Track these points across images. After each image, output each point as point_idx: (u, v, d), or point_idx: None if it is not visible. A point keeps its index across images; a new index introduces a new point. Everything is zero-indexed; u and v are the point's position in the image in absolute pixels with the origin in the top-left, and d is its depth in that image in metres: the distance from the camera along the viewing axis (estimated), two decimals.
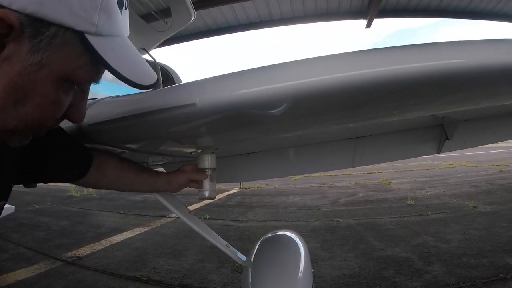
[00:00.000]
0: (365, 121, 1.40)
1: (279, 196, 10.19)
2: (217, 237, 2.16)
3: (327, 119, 1.17)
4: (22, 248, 5.24)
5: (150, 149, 1.66)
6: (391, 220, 6.14)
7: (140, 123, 1.00)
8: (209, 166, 1.65)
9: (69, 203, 9.98)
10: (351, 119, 1.28)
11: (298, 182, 13.28)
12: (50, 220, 7.44)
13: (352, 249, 4.70)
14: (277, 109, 0.86)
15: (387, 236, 5.23)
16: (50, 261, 4.61)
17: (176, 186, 1.65)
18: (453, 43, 0.71)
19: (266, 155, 2.40)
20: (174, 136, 1.24)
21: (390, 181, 11.55)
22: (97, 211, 8.61)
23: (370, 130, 2.04)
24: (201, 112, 0.86)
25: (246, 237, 5.58)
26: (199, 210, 7.91)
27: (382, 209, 7.16)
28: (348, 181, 12.60)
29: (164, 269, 4.24)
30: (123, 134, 1.24)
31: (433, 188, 9.42)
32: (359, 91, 0.75)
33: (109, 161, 1.42)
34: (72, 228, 6.64)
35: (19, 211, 7.80)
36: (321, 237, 5.36)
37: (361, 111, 1.05)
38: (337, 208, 7.57)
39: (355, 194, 9.56)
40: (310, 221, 6.45)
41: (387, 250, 4.57)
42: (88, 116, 1.02)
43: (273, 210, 7.82)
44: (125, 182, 1.51)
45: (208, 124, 1.02)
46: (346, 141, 2.21)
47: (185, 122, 0.98)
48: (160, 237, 5.81)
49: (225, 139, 1.53)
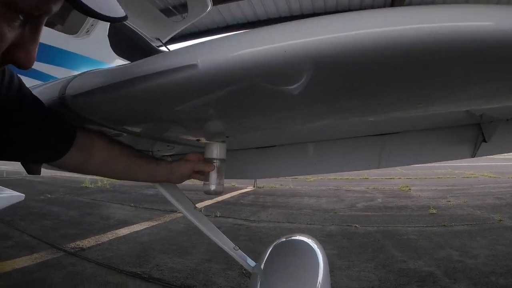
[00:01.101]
0: (394, 109, 1.17)
1: (294, 197, 10.05)
2: (223, 237, 2.02)
3: (350, 102, 0.98)
4: (26, 236, 5.21)
5: (148, 130, 1.46)
6: (413, 229, 5.82)
7: (133, 92, 0.87)
8: (218, 156, 1.52)
9: (82, 194, 10.12)
10: (376, 105, 1.07)
11: (314, 183, 13.20)
12: (60, 210, 7.47)
13: (371, 259, 4.41)
14: (293, 78, 0.71)
15: (408, 246, 4.92)
16: (52, 251, 4.54)
17: (178, 176, 1.53)
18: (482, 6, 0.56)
19: (282, 150, 2.24)
20: (173, 111, 1.06)
21: (409, 187, 11.25)
22: (108, 203, 8.65)
23: (399, 126, 1.84)
24: (204, 76, 0.72)
25: (257, 238, 5.38)
26: (210, 207, 7.84)
27: (403, 217, 6.87)
28: (366, 185, 12.39)
29: (168, 267, 4.05)
30: (113, 108, 1.08)
31: (455, 197, 9.08)
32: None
33: (97, 142, 1.29)
34: (80, 219, 6.62)
35: (31, 200, 8.17)
36: (338, 244, 5.07)
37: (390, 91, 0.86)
38: (355, 213, 7.33)
39: (374, 199, 9.32)
40: (326, 225, 6.22)
41: (409, 262, 4.25)
42: (72, 87, 0.99)
43: (287, 211, 7.65)
44: (116, 167, 1.38)
45: (212, 94, 0.86)
46: (372, 138, 2.02)
47: (185, 90, 0.82)
48: (168, 233, 5.69)
49: (234, 123, 1.33)
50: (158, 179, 1.55)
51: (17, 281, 3.49)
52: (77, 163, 1.25)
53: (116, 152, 1.34)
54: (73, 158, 1.20)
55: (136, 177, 1.51)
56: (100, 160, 1.30)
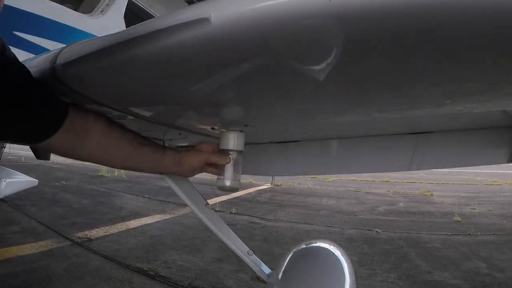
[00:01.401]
0: (422, 105, 1.08)
1: (312, 196, 9.96)
2: (237, 240, 1.89)
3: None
4: (35, 222, 5.17)
5: (153, 111, 1.28)
6: (437, 237, 5.55)
7: (131, 56, 0.72)
8: (235, 147, 1.37)
9: (97, 183, 10.27)
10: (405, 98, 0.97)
11: (333, 184, 13.24)
12: (73, 197, 7.50)
13: (394, 268, 4.14)
14: (335, 43, 0.56)
15: (433, 256, 4.62)
16: (58, 240, 4.44)
17: (188, 168, 1.39)
18: None
19: (305, 146, 2.07)
20: (181, 84, 0.88)
21: (432, 193, 11.04)
22: (122, 193, 8.69)
23: (434, 124, 1.65)
24: (218, 33, 0.58)
25: (273, 238, 5.21)
26: (226, 203, 7.76)
27: (426, 223, 6.61)
28: (387, 188, 12.32)
29: (176, 265, 3.87)
30: (109, 79, 0.93)
31: (479, 205, 8.81)
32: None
33: (93, 123, 1.16)
34: (92, 208, 6.60)
35: (46, 185, 8.39)
36: (358, 249, 4.85)
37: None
38: (376, 217, 7.14)
39: (395, 203, 9.13)
40: (346, 229, 6.01)
41: (435, 274, 3.98)
42: (64, 55, 0.90)
43: (305, 212, 7.50)
44: (114, 154, 1.24)
45: (228, 61, 0.69)
46: (404, 136, 1.83)
47: (194, 54, 0.66)
48: (180, 227, 5.57)
49: (254, 107, 1.15)
50: (165, 170, 1.41)
51: (17, 269, 3.36)
52: (68, 145, 1.12)
53: (115, 137, 1.20)
54: (63, 140, 1.08)
55: (138, 167, 1.35)
56: (95, 145, 1.17)
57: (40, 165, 13.71)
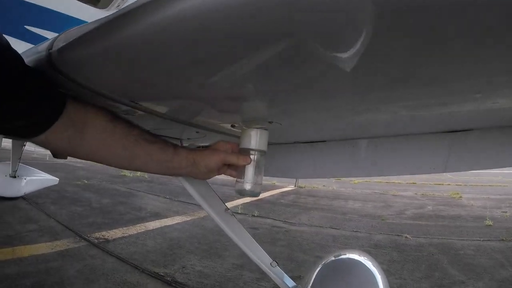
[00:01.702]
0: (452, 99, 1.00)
1: (337, 199, 9.88)
2: (259, 250, 1.81)
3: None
4: (53, 221, 5.13)
5: (165, 102, 1.19)
6: (469, 243, 5.38)
7: (142, 30, 0.60)
8: (257, 146, 1.24)
9: (119, 182, 10.37)
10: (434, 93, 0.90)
11: (358, 186, 13.29)
12: (93, 196, 7.51)
13: (426, 277, 3.95)
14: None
15: (466, 264, 4.45)
16: (75, 239, 4.38)
17: (203, 170, 1.25)
18: None
19: (333, 147, 1.94)
20: (198, 65, 0.74)
21: (460, 195, 10.93)
22: (144, 193, 8.69)
23: (470, 121, 1.51)
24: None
25: (297, 244, 5.04)
26: (248, 205, 7.66)
27: (457, 228, 6.45)
28: (414, 190, 12.25)
29: (195, 270, 3.73)
30: (109, 62, 0.81)
31: (510, 208, 8.65)
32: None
33: (93, 117, 1.05)
34: (111, 208, 6.55)
35: (67, 184, 8.53)
36: (387, 256, 4.69)
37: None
38: (404, 221, 6.97)
39: (423, 206, 9.00)
40: (373, 234, 5.85)
41: (469, 284, 3.80)
42: (61, 40, 0.82)
43: (330, 215, 7.37)
44: (118, 152, 1.11)
45: (252, 40, 0.58)
46: (439, 135, 1.69)
47: (214, 22, 0.53)
48: (200, 230, 5.45)
49: (279, 99, 1.02)
50: (177, 171, 1.25)
51: (29, 269, 3.28)
52: (64, 142, 1.02)
53: (119, 133, 1.08)
54: (60, 136, 0.99)
55: (145, 167, 1.21)
56: (96, 141, 1.06)
57: (64, 164, 14.06)
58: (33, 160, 13.57)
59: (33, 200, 6.20)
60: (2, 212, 5.21)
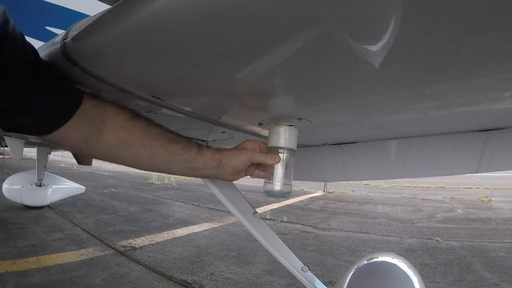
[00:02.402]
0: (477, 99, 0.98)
1: (366, 204, 9.87)
2: (289, 254, 1.73)
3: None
4: (79, 229, 5.16)
5: (189, 97, 1.11)
6: (501, 246, 5.32)
7: (164, 15, 0.54)
8: (286, 145, 1.16)
9: (146, 190, 10.49)
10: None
11: (387, 190, 13.39)
12: (120, 204, 7.57)
13: (459, 281, 3.88)
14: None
15: (499, 266, 4.38)
16: (101, 248, 4.38)
17: (230, 170, 1.17)
18: None
19: (363, 148, 1.85)
20: (224, 56, 0.70)
21: (490, 198, 10.89)
22: (171, 200, 8.75)
23: (504, 119, 1.44)
24: None
25: (327, 249, 4.98)
26: (277, 210, 7.67)
27: (487, 230, 6.41)
28: (443, 194, 12.29)
29: (223, 277, 3.67)
30: (134, 50, 0.73)
31: None
32: None
33: (111, 114, 1.00)
34: (139, 215, 6.57)
35: (94, 192, 8.72)
36: (419, 260, 4.62)
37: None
38: (434, 225, 6.92)
39: (453, 210, 8.96)
40: (404, 238, 5.79)
41: (503, 286, 3.73)
42: (76, 29, 0.76)
43: (360, 220, 7.33)
44: (138, 152, 1.05)
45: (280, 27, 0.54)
46: (472, 134, 1.60)
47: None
48: (229, 236, 5.42)
49: (308, 94, 0.96)
50: (202, 173, 1.17)
51: (53, 279, 3.26)
52: (81, 141, 0.97)
53: (138, 132, 1.02)
54: (75, 133, 0.94)
55: (167, 168, 1.14)
56: (114, 141, 1.00)
57: (92, 173, 14.29)
58: (60, 169, 13.83)
59: (59, 209, 6.26)
60: (28, 221, 5.25)
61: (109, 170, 17.27)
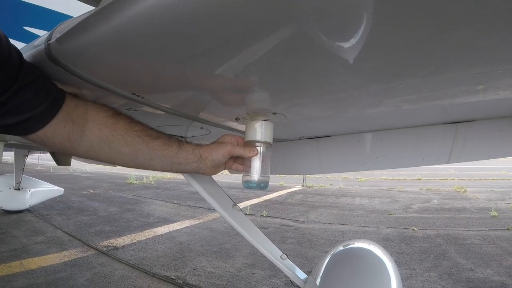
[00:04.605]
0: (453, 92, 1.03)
1: (345, 197, 9.96)
2: (268, 243, 1.78)
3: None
4: (60, 232, 5.13)
5: (167, 94, 1.13)
6: (475, 233, 5.49)
7: (143, 13, 0.57)
8: (262, 138, 1.21)
9: (125, 190, 10.42)
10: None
11: (365, 183, 13.48)
12: (100, 205, 7.53)
13: (434, 267, 4.00)
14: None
15: (473, 252, 4.54)
16: (83, 249, 4.38)
17: (210, 164, 1.21)
18: None
19: (338, 142, 1.95)
20: (199, 52, 0.72)
21: (465, 189, 11.19)
22: (151, 199, 8.74)
23: (473, 112, 1.51)
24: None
25: (307, 241, 5.06)
26: (256, 206, 7.74)
27: (463, 219, 6.57)
28: (419, 186, 12.50)
29: (206, 272, 3.71)
30: (115, 50, 0.76)
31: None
32: None
33: (94, 113, 1.02)
34: (119, 215, 6.56)
35: (73, 194, 8.61)
36: (396, 248, 4.74)
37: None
38: (411, 215, 7.05)
39: (429, 200, 9.14)
40: (381, 228, 5.90)
41: (477, 271, 3.86)
42: (59, 30, 0.80)
43: (338, 212, 7.43)
44: (120, 149, 1.07)
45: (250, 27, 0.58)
46: (443, 126, 1.69)
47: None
48: (210, 232, 5.45)
49: (282, 89, 0.98)
50: (183, 168, 1.20)
51: (38, 281, 3.27)
52: (65, 139, 0.98)
53: (120, 129, 1.04)
54: (59, 132, 0.95)
55: (149, 164, 1.16)
56: (96, 139, 1.02)
57: (69, 175, 14.03)
58: (37, 172, 13.61)
59: (39, 212, 6.21)
60: (8, 226, 5.20)
61: (87, 171, 16.99)
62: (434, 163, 1.83)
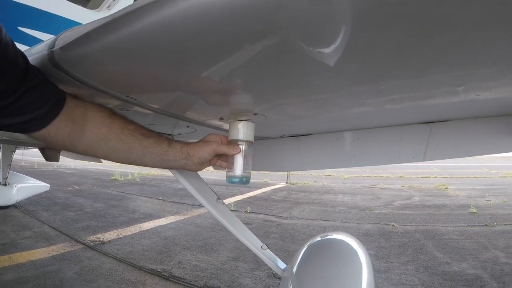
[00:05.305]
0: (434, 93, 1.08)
1: (328, 194, 9.98)
2: (250, 235, 1.89)
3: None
4: (47, 227, 5.14)
5: (158, 96, 1.21)
6: (454, 229, 5.57)
7: (137, 29, 0.65)
8: (244, 137, 1.32)
9: (110, 186, 10.38)
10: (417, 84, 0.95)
11: (348, 181, 13.44)
12: (85, 201, 7.52)
13: (412, 260, 4.09)
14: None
15: (450, 247, 4.61)
16: (70, 243, 4.40)
17: (197, 161, 1.31)
18: None
19: (319, 140, 2.05)
20: (188, 61, 0.80)
21: (446, 186, 11.26)
22: (136, 195, 8.73)
23: (448, 112, 1.60)
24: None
25: (289, 236, 5.13)
26: (241, 202, 7.79)
27: (442, 215, 6.65)
28: (401, 183, 12.51)
29: (191, 265, 3.78)
30: (112, 59, 0.84)
31: (494, 197, 8.92)
32: None
33: (92, 113, 1.10)
34: (105, 211, 6.57)
35: (58, 190, 8.57)
36: (375, 243, 4.81)
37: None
38: (392, 211, 7.13)
39: (410, 197, 9.20)
40: (362, 224, 5.98)
41: (453, 264, 3.94)
42: (63, 38, 0.86)
43: (321, 208, 7.48)
44: (115, 147, 1.16)
45: (234, 36, 0.64)
46: (418, 126, 1.79)
47: (200, 24, 0.60)
48: (194, 228, 5.50)
49: (262, 91, 1.07)
50: (172, 164, 1.30)
51: (28, 275, 3.31)
52: (66, 137, 1.05)
53: (116, 128, 1.13)
54: (61, 131, 1.03)
55: (142, 161, 1.25)
56: (94, 137, 1.10)
57: (53, 171, 13.85)
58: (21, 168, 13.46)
59: (25, 208, 6.20)
60: None
61: (71, 168, 16.77)
62: (410, 161, 1.93)
